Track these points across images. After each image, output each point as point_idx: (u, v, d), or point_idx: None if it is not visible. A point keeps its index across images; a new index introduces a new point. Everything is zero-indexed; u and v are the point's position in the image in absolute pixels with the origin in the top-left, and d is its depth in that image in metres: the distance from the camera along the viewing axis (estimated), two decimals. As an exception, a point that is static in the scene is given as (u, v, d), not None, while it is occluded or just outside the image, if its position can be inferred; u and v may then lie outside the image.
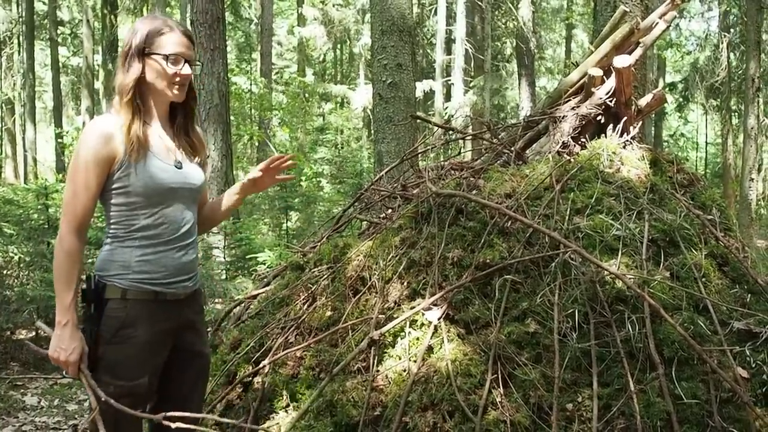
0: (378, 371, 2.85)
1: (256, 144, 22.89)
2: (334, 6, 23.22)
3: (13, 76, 24.11)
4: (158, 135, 2.26)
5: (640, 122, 3.87)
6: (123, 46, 2.23)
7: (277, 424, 2.94)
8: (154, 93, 2.24)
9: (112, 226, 2.22)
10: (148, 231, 2.19)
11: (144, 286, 2.19)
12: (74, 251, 2.13)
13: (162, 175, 2.20)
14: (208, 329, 3.35)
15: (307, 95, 23.40)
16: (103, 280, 2.19)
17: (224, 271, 8.28)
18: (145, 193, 2.16)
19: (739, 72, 18.05)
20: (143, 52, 2.18)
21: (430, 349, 2.85)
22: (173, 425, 1.96)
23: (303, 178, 14.02)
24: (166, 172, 2.21)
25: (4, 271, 6.82)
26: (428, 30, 22.16)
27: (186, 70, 2.22)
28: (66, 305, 2.11)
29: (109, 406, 2.11)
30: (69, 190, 2.15)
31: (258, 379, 3.16)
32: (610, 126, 3.66)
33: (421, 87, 18.81)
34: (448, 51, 19.74)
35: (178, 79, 2.21)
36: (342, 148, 21.46)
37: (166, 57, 2.18)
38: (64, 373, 2.16)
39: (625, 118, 3.63)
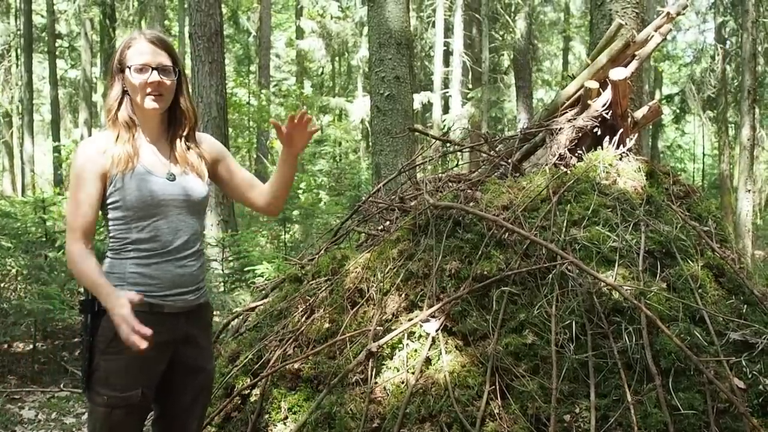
0: (376, 383, 2.85)
1: (254, 156, 22.93)
2: (332, 19, 23.31)
3: (11, 89, 24.13)
4: (150, 148, 2.26)
5: (637, 134, 3.90)
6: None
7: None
8: (138, 106, 2.23)
9: (110, 240, 2.24)
10: (141, 244, 2.19)
11: None
12: (82, 253, 2.14)
13: (151, 187, 2.19)
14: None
15: (306, 107, 23.43)
16: None
17: (222, 284, 8.28)
18: (136, 206, 2.17)
19: (735, 84, 18.14)
20: (119, 69, 2.20)
21: (428, 361, 2.85)
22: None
23: (301, 190, 14.03)
24: (156, 185, 2.21)
25: (2, 284, 6.81)
26: (426, 42, 22.24)
27: (154, 77, 2.17)
28: (105, 294, 2.09)
29: (104, 418, 2.14)
30: (69, 206, 2.18)
31: (256, 391, 3.16)
32: (607, 138, 3.68)
33: (419, 99, 18.86)
34: (446, 63, 19.80)
35: (149, 89, 2.18)
36: (340, 160, 21.50)
37: (131, 68, 2.17)
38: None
39: (622, 130, 3.66)
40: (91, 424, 2.22)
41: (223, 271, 8.38)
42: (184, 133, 2.33)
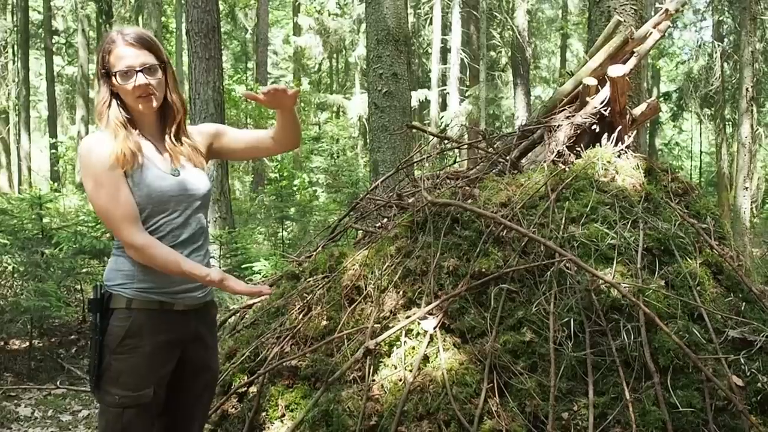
0: (374, 381, 2.84)
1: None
2: (329, 16, 23.28)
3: (7, 86, 24.05)
4: (150, 145, 2.24)
5: (635, 131, 3.89)
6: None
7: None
8: (132, 108, 2.21)
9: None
10: None
11: (148, 295, 2.18)
12: (152, 242, 2.14)
13: (159, 183, 2.18)
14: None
15: (302, 104, 23.45)
16: (109, 290, 2.19)
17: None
18: (145, 202, 2.15)
19: (733, 81, 18.14)
20: (104, 73, 2.16)
21: (425, 359, 2.84)
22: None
23: (298, 187, 14.02)
24: (164, 180, 2.19)
25: (-2, 281, 6.80)
26: (424, 39, 22.24)
27: (140, 80, 2.13)
28: (203, 275, 2.17)
29: (115, 418, 2.13)
30: (111, 202, 2.12)
31: (253, 389, 3.15)
32: (605, 135, 3.67)
33: (417, 96, 18.86)
34: (444, 60, 19.78)
35: (137, 93, 2.14)
36: (338, 157, 21.47)
37: (116, 75, 2.13)
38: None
39: (620, 127, 3.64)
40: (102, 424, 2.20)
41: (220, 267, 8.37)
42: (175, 126, 2.30)
